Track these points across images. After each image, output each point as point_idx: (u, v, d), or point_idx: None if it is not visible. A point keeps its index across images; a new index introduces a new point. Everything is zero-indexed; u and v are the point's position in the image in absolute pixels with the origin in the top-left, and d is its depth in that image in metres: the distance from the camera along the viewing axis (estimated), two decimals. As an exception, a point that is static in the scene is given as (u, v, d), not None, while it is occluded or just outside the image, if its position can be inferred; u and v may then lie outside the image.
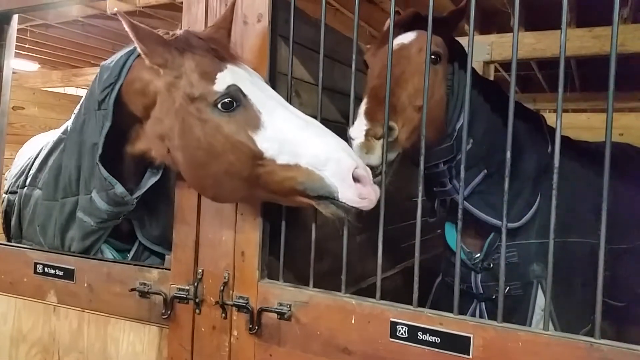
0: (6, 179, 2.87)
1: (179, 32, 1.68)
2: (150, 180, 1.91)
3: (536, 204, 2.11)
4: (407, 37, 2.03)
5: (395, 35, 2.00)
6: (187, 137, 1.55)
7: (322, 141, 1.45)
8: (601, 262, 1.23)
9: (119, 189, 1.82)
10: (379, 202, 1.51)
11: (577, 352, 1.24)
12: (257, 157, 1.48)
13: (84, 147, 1.87)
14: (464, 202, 1.99)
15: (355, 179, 1.42)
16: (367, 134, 1.72)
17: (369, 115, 1.77)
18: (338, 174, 1.41)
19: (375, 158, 1.73)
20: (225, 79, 1.53)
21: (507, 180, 1.40)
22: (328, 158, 1.42)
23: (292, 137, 1.46)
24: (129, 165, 1.91)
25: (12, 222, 2.44)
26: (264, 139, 1.48)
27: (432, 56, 1.93)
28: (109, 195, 1.84)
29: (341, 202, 1.42)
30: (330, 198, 1.44)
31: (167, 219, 1.94)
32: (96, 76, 1.87)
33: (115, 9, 1.61)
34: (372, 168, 1.69)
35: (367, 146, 1.72)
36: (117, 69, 1.76)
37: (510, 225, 2.03)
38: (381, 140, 1.70)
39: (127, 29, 1.54)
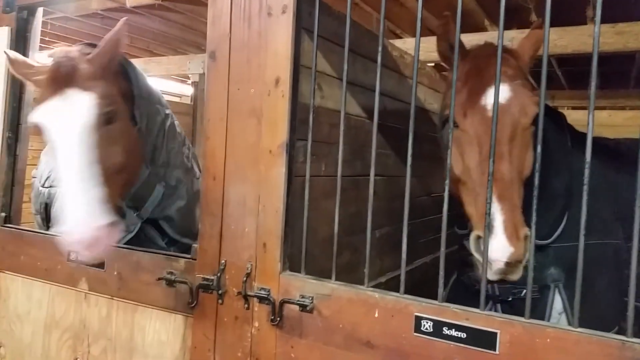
0: (39, 173, 2.94)
1: None
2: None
3: (564, 221, 2.05)
4: (502, 94, 1.65)
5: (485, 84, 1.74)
6: None
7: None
8: (634, 260, 1.21)
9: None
10: (403, 198, 1.47)
11: (608, 351, 1.22)
12: None
13: None
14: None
15: None
16: (511, 258, 1.55)
17: (508, 232, 1.55)
18: None
19: (517, 277, 1.61)
20: None
21: (537, 175, 1.38)
22: None
23: None
24: None
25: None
26: None
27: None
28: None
29: None
30: None
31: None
32: None
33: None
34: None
35: (509, 271, 1.59)
36: None
37: (540, 242, 1.97)
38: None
39: None
